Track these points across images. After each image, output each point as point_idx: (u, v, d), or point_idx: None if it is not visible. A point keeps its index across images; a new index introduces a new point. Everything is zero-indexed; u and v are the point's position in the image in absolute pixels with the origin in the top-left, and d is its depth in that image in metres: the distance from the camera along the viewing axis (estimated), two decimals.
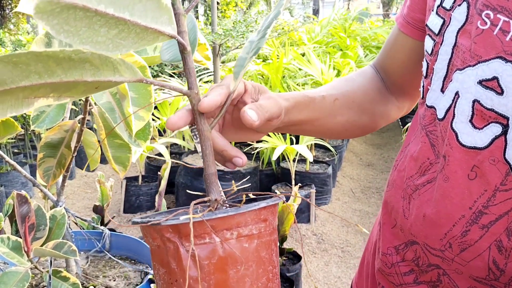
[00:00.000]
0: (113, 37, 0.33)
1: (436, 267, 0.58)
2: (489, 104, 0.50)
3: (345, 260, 2.61)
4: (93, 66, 0.33)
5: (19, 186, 3.18)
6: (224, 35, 2.70)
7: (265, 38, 0.46)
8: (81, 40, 0.32)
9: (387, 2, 13.36)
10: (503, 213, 0.51)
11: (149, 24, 0.35)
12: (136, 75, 0.37)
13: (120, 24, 0.33)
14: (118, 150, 0.85)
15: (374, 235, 0.73)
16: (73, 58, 0.32)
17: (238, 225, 0.42)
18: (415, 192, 0.60)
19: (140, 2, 0.33)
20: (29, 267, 0.87)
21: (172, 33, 0.37)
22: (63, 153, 0.84)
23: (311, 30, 5.81)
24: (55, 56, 0.31)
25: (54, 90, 0.33)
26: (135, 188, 3.04)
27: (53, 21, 0.30)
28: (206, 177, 0.45)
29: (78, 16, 0.31)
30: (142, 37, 0.35)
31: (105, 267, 1.21)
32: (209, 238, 0.41)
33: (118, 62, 0.35)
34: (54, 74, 0.32)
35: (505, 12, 0.49)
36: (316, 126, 0.68)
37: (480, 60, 0.51)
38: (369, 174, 4.07)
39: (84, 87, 0.34)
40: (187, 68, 0.42)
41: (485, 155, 0.51)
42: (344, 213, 3.19)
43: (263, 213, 0.43)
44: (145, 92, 0.69)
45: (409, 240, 0.61)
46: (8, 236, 0.91)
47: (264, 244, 0.44)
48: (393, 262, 0.64)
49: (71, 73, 0.33)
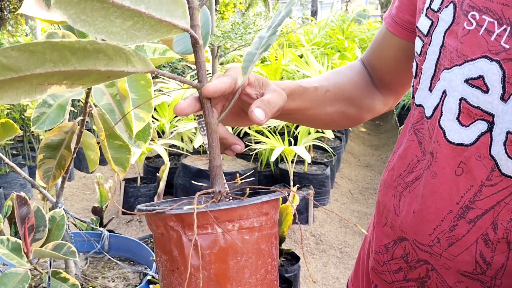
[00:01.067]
0: (128, 28, 0.34)
1: (424, 263, 0.59)
2: (475, 102, 0.52)
3: (343, 261, 2.61)
4: (107, 56, 0.34)
5: (17, 188, 3.18)
6: (222, 37, 2.70)
7: (275, 35, 0.47)
8: (96, 29, 0.33)
9: (385, 3, 13.37)
10: (489, 207, 0.53)
11: (163, 17, 0.35)
12: (148, 67, 0.37)
13: (135, 16, 0.34)
14: (118, 151, 0.85)
15: (369, 235, 0.74)
16: (87, 48, 0.33)
17: (240, 217, 0.43)
18: (406, 190, 0.61)
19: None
20: (28, 268, 0.88)
21: (186, 27, 0.38)
22: (63, 154, 0.84)
23: (309, 31, 5.82)
24: (71, 46, 0.32)
25: (67, 78, 0.34)
26: (134, 189, 3.04)
27: (70, 10, 0.31)
28: (212, 169, 0.47)
29: (95, 6, 0.32)
30: (156, 29, 0.36)
31: (104, 268, 1.22)
32: (211, 228, 0.42)
33: (131, 53, 0.36)
34: (68, 63, 0.33)
35: (490, 13, 0.50)
36: (306, 115, 0.70)
37: (466, 60, 0.52)
38: (367, 175, 4.08)
39: (96, 75, 0.35)
40: (198, 62, 0.43)
41: (471, 152, 0.53)
42: (343, 214, 3.20)
43: (265, 207, 0.44)
44: (145, 94, 0.70)
45: (398, 237, 0.63)
46: (7, 238, 0.91)
47: (264, 237, 0.45)
48: (385, 260, 0.65)
49: (85, 63, 0.33)
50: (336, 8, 8.87)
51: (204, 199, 0.48)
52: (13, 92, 0.33)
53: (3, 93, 0.33)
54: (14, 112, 3.19)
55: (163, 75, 0.41)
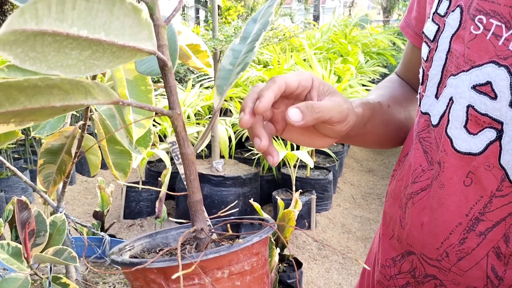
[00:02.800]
0: (86, 59, 0.30)
1: (433, 278, 0.57)
2: (483, 109, 0.50)
3: (346, 266, 2.60)
4: (62, 91, 0.30)
5: (19, 192, 3.18)
6: (225, 41, 2.70)
7: (253, 52, 0.42)
8: (49, 65, 0.29)
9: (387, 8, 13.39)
10: (500, 219, 0.51)
11: (127, 42, 0.31)
12: (111, 97, 0.33)
13: (94, 45, 0.30)
14: (119, 157, 0.84)
15: (375, 246, 0.72)
16: (39, 85, 0.29)
17: (229, 263, 0.39)
18: (410, 201, 0.59)
19: (118, 20, 0.30)
20: (28, 273, 0.87)
21: (152, 49, 0.34)
22: (63, 159, 0.83)
23: (311, 36, 5.83)
24: (18, 85, 0.28)
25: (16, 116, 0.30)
26: (136, 193, 3.03)
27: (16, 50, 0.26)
28: (191, 204, 0.42)
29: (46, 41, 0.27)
30: (118, 56, 0.32)
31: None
32: (198, 279, 0.38)
33: (91, 85, 0.32)
34: (16, 102, 0.29)
35: (498, 16, 0.49)
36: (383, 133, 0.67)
37: (473, 65, 0.51)
38: (369, 180, 4.06)
39: (50, 111, 0.31)
40: (168, 86, 0.38)
41: (480, 161, 0.51)
42: (345, 219, 3.19)
43: (255, 247, 0.41)
44: (146, 99, 0.69)
45: (405, 250, 0.61)
46: (8, 242, 0.90)
47: (256, 279, 0.41)
48: (392, 275, 0.64)
49: (37, 100, 0.29)
50: (339, 12, 8.88)
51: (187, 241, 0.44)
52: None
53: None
54: None
55: (129, 104, 0.36)
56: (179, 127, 0.39)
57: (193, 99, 3.46)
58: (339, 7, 17.51)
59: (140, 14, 0.31)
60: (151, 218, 3.05)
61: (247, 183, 2.94)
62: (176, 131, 0.40)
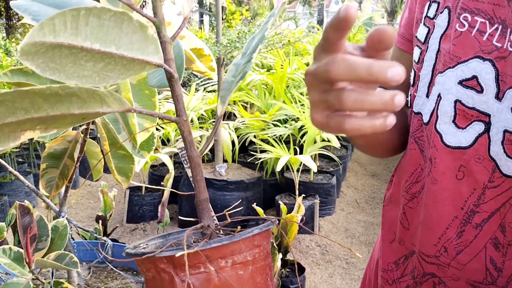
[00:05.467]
0: (100, 70, 0.33)
1: (431, 276, 0.58)
2: (470, 103, 0.51)
3: (349, 272, 2.58)
4: (80, 99, 0.33)
5: (22, 196, 3.18)
6: (229, 46, 2.71)
7: (251, 62, 0.46)
8: (67, 75, 0.32)
9: (391, 12, 13.40)
10: (495, 210, 0.52)
11: (135, 55, 0.35)
12: (124, 106, 0.37)
13: (107, 57, 0.33)
14: (121, 161, 0.84)
15: (376, 253, 0.72)
16: (60, 93, 0.32)
17: (232, 253, 0.42)
18: (412, 201, 0.60)
19: (126, 36, 0.33)
20: (30, 278, 0.87)
21: (159, 62, 0.37)
22: (66, 163, 0.83)
23: (315, 40, 5.83)
24: (41, 92, 0.31)
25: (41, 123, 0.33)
26: (138, 197, 3.03)
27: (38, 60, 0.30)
28: (198, 203, 0.45)
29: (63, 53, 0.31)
30: (128, 68, 0.35)
31: (107, 278, 1.20)
32: (204, 267, 0.41)
33: (106, 94, 0.35)
34: (40, 109, 0.32)
35: (482, 14, 0.51)
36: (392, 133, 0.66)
37: (459, 61, 0.52)
38: (373, 184, 4.05)
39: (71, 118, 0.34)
40: (175, 96, 0.42)
41: (470, 154, 0.52)
42: (348, 224, 3.17)
43: (256, 239, 0.43)
44: (149, 103, 0.69)
45: (409, 251, 0.61)
46: (10, 247, 0.90)
47: (258, 270, 0.44)
48: (394, 278, 0.64)
49: (58, 107, 0.33)
50: None
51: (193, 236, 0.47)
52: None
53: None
54: None
55: (140, 112, 0.40)
56: (186, 132, 0.43)
57: (197, 103, 3.46)
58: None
59: (146, 31, 0.35)
60: (154, 222, 3.05)
61: (250, 187, 2.93)
62: (183, 135, 0.43)
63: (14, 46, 5.30)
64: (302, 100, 3.42)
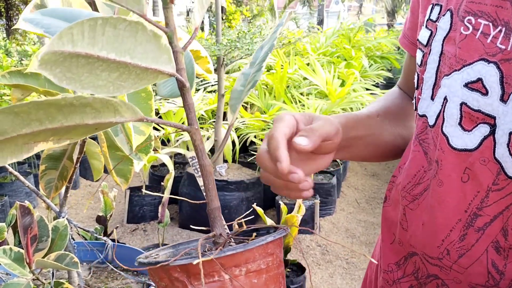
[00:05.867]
0: (114, 80, 0.34)
1: (435, 278, 0.58)
2: (475, 105, 0.52)
3: (350, 271, 2.58)
4: (94, 109, 0.34)
5: (23, 196, 3.19)
6: (229, 46, 2.71)
7: (261, 71, 0.47)
8: (82, 85, 0.33)
9: (391, 12, 13.40)
10: (498, 213, 0.52)
11: (149, 65, 0.35)
12: (136, 115, 0.37)
13: (121, 67, 0.34)
14: (120, 163, 0.85)
15: (377, 254, 0.72)
16: (74, 103, 0.32)
17: (246, 261, 0.42)
18: (413, 203, 0.60)
19: (141, 45, 0.34)
20: (30, 279, 0.87)
21: (172, 72, 0.38)
22: (65, 165, 0.84)
23: (315, 40, 5.83)
24: (56, 103, 0.32)
25: (54, 134, 0.34)
26: (139, 198, 3.03)
27: (56, 70, 0.31)
28: (210, 212, 0.45)
29: (80, 63, 0.31)
30: (142, 78, 0.35)
31: (108, 278, 1.21)
32: (218, 276, 0.41)
33: (119, 104, 0.35)
34: (54, 120, 0.32)
35: (485, 16, 0.51)
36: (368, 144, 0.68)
37: (465, 64, 0.52)
38: (374, 184, 4.05)
39: (84, 129, 0.35)
40: (187, 104, 0.42)
41: (475, 156, 0.52)
42: (349, 224, 3.17)
43: (270, 247, 0.44)
44: (145, 106, 0.69)
45: (408, 252, 0.61)
46: (10, 247, 0.90)
47: (272, 278, 0.44)
48: (395, 279, 0.64)
49: (72, 118, 0.33)
50: (343, 16, 8.89)
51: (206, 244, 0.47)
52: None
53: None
54: None
55: (153, 121, 0.41)
56: (198, 141, 0.43)
57: (197, 103, 3.46)
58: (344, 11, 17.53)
59: (160, 40, 0.36)
60: (154, 222, 3.05)
61: (251, 187, 2.93)
62: (195, 144, 0.44)
63: (14, 46, 5.30)
64: (302, 100, 3.42)
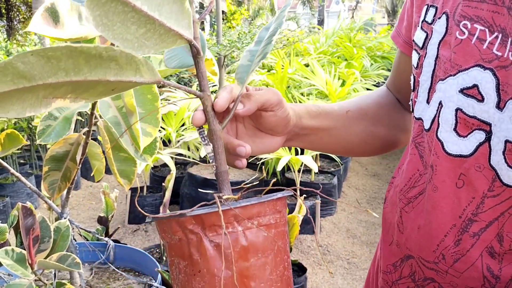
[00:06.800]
0: (140, 36, 0.36)
1: (431, 281, 0.58)
2: (471, 111, 0.51)
3: (351, 271, 2.59)
4: (118, 65, 0.35)
5: (24, 197, 3.19)
6: (229, 46, 2.71)
7: (271, 44, 0.48)
8: (114, 35, 0.34)
9: (391, 11, 13.40)
10: (493, 219, 0.52)
11: (172, 26, 0.37)
12: (155, 77, 0.38)
13: (149, 23, 0.35)
14: (123, 164, 0.85)
15: (378, 254, 0.72)
16: (103, 55, 0.33)
17: (258, 214, 0.44)
18: (408, 205, 0.60)
19: (168, 4, 0.36)
20: (33, 279, 0.87)
21: (190, 37, 0.40)
22: (68, 166, 0.84)
23: (316, 40, 5.83)
24: (88, 52, 0.33)
25: (73, 91, 0.35)
26: (140, 198, 3.04)
27: (96, 11, 0.32)
28: (219, 175, 0.48)
29: (117, 10, 0.33)
30: (163, 39, 0.37)
31: (109, 279, 1.21)
32: (232, 227, 0.42)
33: (142, 62, 0.37)
34: (80, 72, 0.33)
35: (481, 21, 0.50)
36: (332, 136, 0.68)
37: (460, 69, 0.52)
38: (374, 184, 4.05)
39: (102, 87, 0.36)
40: (200, 72, 0.45)
41: (470, 163, 0.52)
42: (350, 224, 3.17)
43: (278, 204, 0.46)
44: (152, 108, 0.70)
45: (405, 255, 0.61)
46: (12, 248, 0.91)
47: (279, 234, 0.45)
48: (393, 280, 0.64)
49: (96, 72, 0.34)
50: (343, 16, 8.89)
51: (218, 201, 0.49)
52: (19, 105, 0.33)
53: (9, 106, 0.33)
54: (21, 121, 3.21)
55: (169, 85, 0.42)
56: (209, 107, 0.46)
57: (198, 103, 3.46)
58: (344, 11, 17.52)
59: (184, 3, 0.37)
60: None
61: (251, 187, 2.93)
62: (206, 110, 0.47)
63: (15, 47, 5.31)
64: (302, 100, 3.42)
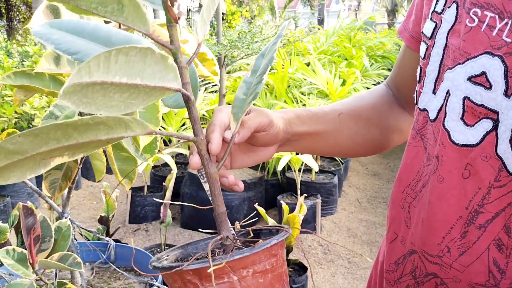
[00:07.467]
0: (125, 99, 0.37)
1: (433, 277, 0.57)
2: (478, 100, 0.50)
3: (351, 271, 2.58)
4: (107, 126, 0.37)
5: (25, 197, 3.19)
6: (229, 46, 2.71)
7: (262, 83, 0.50)
8: (97, 107, 0.36)
9: (392, 11, 13.39)
10: (500, 210, 0.51)
11: (157, 83, 0.38)
12: (146, 129, 0.40)
13: (132, 88, 0.36)
14: (124, 163, 0.85)
15: (381, 254, 0.72)
16: (89, 123, 0.35)
17: (253, 263, 0.45)
18: (415, 199, 0.59)
19: (150, 67, 0.37)
20: (34, 279, 0.87)
21: (178, 87, 0.41)
22: (69, 165, 0.84)
23: (316, 39, 5.83)
24: (74, 124, 0.35)
25: (69, 149, 0.37)
26: (141, 198, 3.04)
27: (73, 98, 0.33)
28: (217, 216, 0.48)
29: (95, 89, 0.34)
30: (150, 95, 0.38)
31: (110, 278, 1.21)
32: (227, 277, 0.44)
33: (130, 120, 0.38)
34: (71, 138, 0.35)
35: (492, 8, 0.50)
36: (324, 139, 0.68)
37: (469, 57, 0.51)
38: (375, 183, 4.05)
39: (97, 143, 0.38)
40: (192, 117, 0.45)
41: (477, 152, 0.51)
42: (350, 223, 3.17)
43: (274, 248, 0.47)
44: (152, 107, 0.70)
45: (408, 250, 0.60)
46: (13, 248, 0.91)
47: (276, 277, 0.47)
48: (395, 279, 0.63)
49: (87, 135, 0.36)
50: (343, 16, 8.88)
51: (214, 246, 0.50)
52: (18, 171, 0.35)
53: (9, 174, 0.35)
54: (22, 122, 3.21)
55: (161, 134, 0.44)
56: (203, 150, 0.47)
57: (198, 103, 3.47)
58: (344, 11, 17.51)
59: (167, 61, 0.38)
60: (156, 222, 3.05)
61: (252, 187, 2.93)
62: (201, 154, 0.47)
63: (15, 47, 5.31)
64: (303, 100, 3.42)
